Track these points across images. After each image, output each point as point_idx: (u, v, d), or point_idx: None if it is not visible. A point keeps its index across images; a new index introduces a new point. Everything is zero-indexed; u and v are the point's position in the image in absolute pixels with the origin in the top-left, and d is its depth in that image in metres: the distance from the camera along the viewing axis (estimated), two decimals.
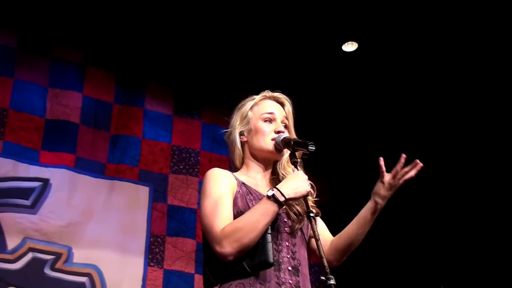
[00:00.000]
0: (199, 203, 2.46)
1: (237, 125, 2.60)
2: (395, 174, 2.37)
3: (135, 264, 5.01)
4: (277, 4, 5.07)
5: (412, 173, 2.37)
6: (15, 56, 5.10)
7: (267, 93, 2.65)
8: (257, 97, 2.63)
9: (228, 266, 2.23)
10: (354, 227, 2.47)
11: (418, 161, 2.36)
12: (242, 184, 2.42)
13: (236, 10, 5.16)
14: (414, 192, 5.99)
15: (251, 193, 2.39)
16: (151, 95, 5.62)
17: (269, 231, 2.22)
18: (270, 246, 2.20)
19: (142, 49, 5.58)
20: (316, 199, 2.49)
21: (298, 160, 2.45)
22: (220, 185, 2.36)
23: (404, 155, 2.36)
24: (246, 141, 2.57)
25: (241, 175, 2.51)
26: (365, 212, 2.44)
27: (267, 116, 2.54)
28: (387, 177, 2.39)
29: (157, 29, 5.45)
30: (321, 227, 2.56)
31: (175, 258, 5.16)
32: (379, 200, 2.41)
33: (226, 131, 2.65)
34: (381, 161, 2.39)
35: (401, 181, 2.37)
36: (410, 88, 5.73)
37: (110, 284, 4.83)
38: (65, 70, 5.27)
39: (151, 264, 5.06)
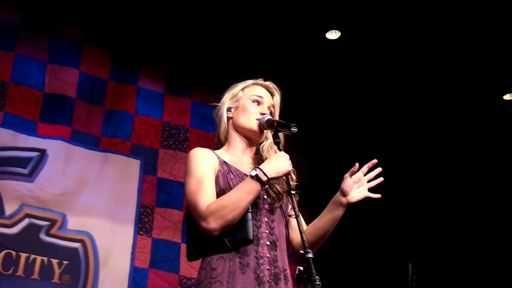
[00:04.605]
0: None
1: (226, 101, 2.59)
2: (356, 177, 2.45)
3: (126, 232, 5.02)
4: None
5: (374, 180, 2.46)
6: (17, 32, 5.07)
7: (260, 80, 2.64)
8: (249, 81, 2.63)
9: (210, 241, 2.25)
10: (326, 222, 2.48)
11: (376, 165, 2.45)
12: (223, 163, 2.41)
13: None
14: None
15: (232, 172, 2.39)
16: (144, 74, 5.60)
17: (250, 210, 2.24)
18: (250, 224, 2.22)
19: (138, 30, 5.55)
20: (296, 183, 2.46)
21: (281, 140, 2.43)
22: (203, 164, 2.36)
23: (375, 161, 2.45)
24: (232, 118, 2.56)
25: (224, 153, 2.51)
26: (336, 210, 2.47)
27: (256, 98, 2.54)
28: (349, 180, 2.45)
29: (152, 12, 5.42)
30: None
31: (163, 228, 5.17)
32: (335, 205, 2.46)
33: (216, 105, 2.64)
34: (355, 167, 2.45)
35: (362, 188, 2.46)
36: (391, 74, 5.76)
37: (102, 250, 4.84)
38: (64, 47, 5.24)
39: (141, 232, 5.07)
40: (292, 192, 2.24)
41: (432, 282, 5.85)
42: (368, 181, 2.50)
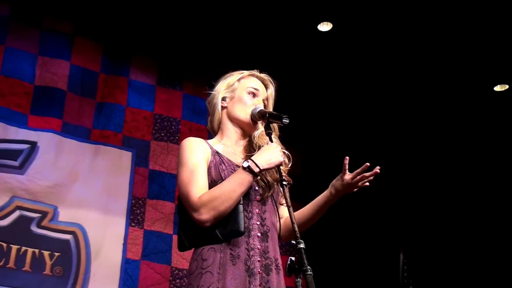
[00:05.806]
0: None
1: (222, 90, 2.56)
2: (355, 176, 2.43)
3: (118, 224, 5.01)
4: None
5: (370, 179, 2.44)
6: (8, 25, 5.03)
7: (256, 72, 2.62)
8: (245, 72, 2.61)
9: (201, 232, 2.24)
10: (307, 212, 2.52)
11: (378, 168, 2.42)
12: (216, 154, 2.40)
13: None
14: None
15: (224, 163, 2.37)
16: (135, 66, 5.57)
17: (241, 202, 2.24)
18: (241, 216, 2.22)
19: (129, 23, 5.52)
20: (289, 168, 2.47)
21: (272, 132, 2.42)
22: (196, 155, 2.35)
23: (367, 164, 2.40)
24: (226, 107, 2.54)
25: (216, 143, 2.50)
26: (320, 200, 2.49)
27: (252, 90, 2.53)
28: (348, 176, 2.44)
29: (144, 4, 5.38)
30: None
31: (154, 220, 5.17)
32: (333, 192, 2.46)
33: (210, 93, 2.61)
34: (346, 160, 2.43)
35: (358, 185, 2.44)
36: (383, 66, 5.76)
37: (94, 242, 4.83)
38: (55, 39, 5.20)
39: (132, 224, 5.06)
40: (284, 183, 2.22)
41: (423, 272, 5.87)
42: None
